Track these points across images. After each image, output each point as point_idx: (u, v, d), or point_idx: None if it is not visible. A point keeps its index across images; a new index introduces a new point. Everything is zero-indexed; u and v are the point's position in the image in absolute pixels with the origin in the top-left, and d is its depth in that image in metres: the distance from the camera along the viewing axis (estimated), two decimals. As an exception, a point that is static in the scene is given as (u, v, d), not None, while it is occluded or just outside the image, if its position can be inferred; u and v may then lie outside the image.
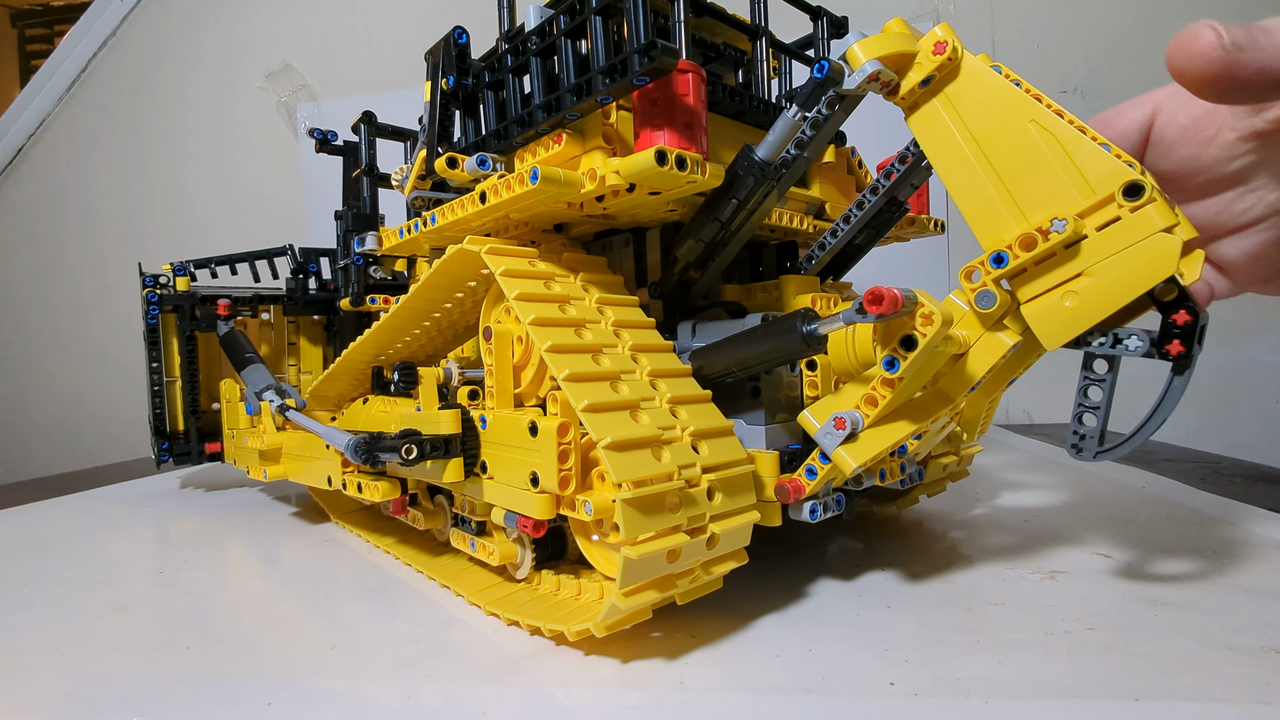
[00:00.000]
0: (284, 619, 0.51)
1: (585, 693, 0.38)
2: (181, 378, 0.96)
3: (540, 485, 0.43)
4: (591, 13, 0.42)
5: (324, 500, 0.82)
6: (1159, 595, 0.48)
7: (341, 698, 0.39)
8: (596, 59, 0.43)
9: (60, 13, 2.07)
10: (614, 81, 0.42)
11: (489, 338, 0.49)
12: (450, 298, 0.58)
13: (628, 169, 0.42)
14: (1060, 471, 0.86)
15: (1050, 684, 0.37)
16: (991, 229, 0.40)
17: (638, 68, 0.40)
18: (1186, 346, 0.37)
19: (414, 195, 0.54)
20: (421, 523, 0.61)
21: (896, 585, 0.52)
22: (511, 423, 0.46)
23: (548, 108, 0.46)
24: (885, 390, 0.41)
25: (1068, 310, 0.37)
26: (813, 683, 0.38)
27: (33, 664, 0.45)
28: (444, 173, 0.50)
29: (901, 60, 0.41)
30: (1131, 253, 0.35)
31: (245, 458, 0.83)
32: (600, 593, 0.47)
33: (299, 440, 0.71)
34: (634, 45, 0.40)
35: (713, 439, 0.44)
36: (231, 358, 0.87)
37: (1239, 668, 0.38)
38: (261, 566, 0.65)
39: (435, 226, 0.54)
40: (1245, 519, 0.64)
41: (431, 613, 0.51)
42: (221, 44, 1.72)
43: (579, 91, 0.44)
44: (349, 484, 0.61)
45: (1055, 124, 0.38)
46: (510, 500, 0.46)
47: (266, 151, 1.70)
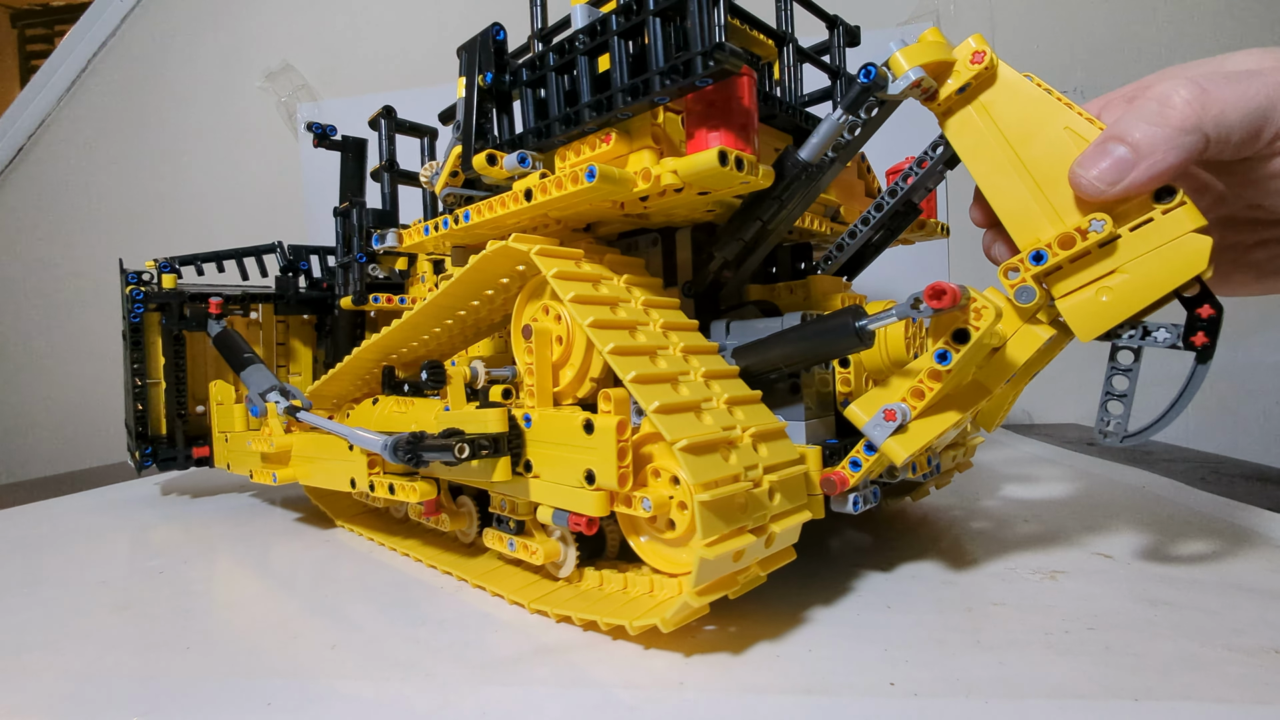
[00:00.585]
0: (284, 619, 0.51)
1: (570, 691, 0.38)
2: (166, 379, 0.92)
3: (596, 482, 0.44)
4: (650, 14, 0.42)
5: (326, 504, 0.80)
6: (1159, 595, 0.48)
7: (341, 698, 0.39)
8: (655, 60, 0.43)
9: (60, 13, 2.06)
10: (674, 83, 0.42)
11: (529, 336, 0.48)
12: (480, 295, 0.56)
13: (687, 169, 0.43)
14: (1060, 471, 0.86)
15: (1050, 684, 0.37)
16: (1027, 228, 0.42)
17: (701, 70, 0.40)
18: (1210, 338, 0.40)
19: (446, 192, 0.54)
20: (448, 524, 0.61)
21: (896, 585, 0.52)
22: (561, 421, 0.46)
23: (598, 106, 0.46)
24: (932, 383, 0.43)
25: (1104, 305, 0.39)
26: (813, 683, 0.38)
27: (33, 664, 0.45)
28: (482, 170, 0.50)
29: (940, 68, 0.43)
30: (1165, 251, 0.37)
31: (244, 461, 0.81)
32: (650, 586, 0.47)
33: (310, 442, 0.70)
34: (699, 47, 0.40)
35: (770, 440, 0.45)
36: (228, 358, 0.84)
37: (1239, 668, 0.38)
38: (262, 567, 0.65)
39: (469, 224, 0.53)
40: (1245, 519, 0.64)
41: (435, 611, 0.51)
42: (221, 44, 1.72)
43: (634, 91, 0.44)
44: (378, 485, 0.59)
45: (1089, 130, 0.40)
46: (560, 498, 0.46)
47: (266, 151, 1.70)
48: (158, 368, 0.92)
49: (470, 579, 0.55)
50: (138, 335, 0.90)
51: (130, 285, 0.89)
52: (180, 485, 1.06)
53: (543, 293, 0.51)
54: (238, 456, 0.83)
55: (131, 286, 0.89)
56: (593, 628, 0.46)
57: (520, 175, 0.50)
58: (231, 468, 0.85)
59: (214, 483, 1.06)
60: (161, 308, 0.91)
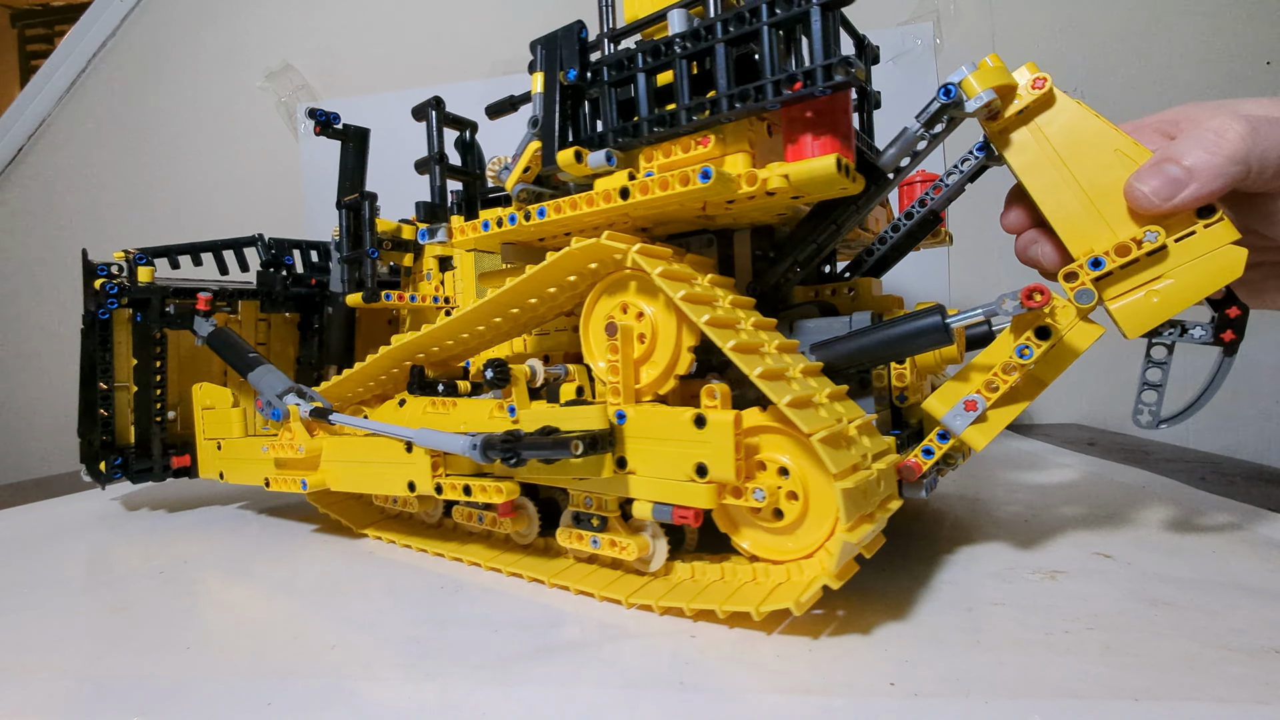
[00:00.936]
0: (284, 619, 0.51)
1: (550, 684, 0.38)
2: (140, 382, 0.83)
3: (709, 475, 0.45)
4: (765, 24, 0.44)
5: (339, 511, 0.74)
6: (1159, 595, 0.48)
7: (342, 698, 0.39)
8: (768, 68, 0.44)
9: (60, 13, 2.06)
10: (793, 92, 0.43)
11: (613, 333, 0.49)
12: (542, 293, 0.56)
13: (801, 174, 0.45)
14: (1060, 471, 0.86)
15: (1050, 684, 0.37)
16: (1081, 238, 0.46)
17: (822, 81, 0.42)
18: (1238, 334, 0.48)
19: (519, 188, 0.53)
20: (509, 526, 0.60)
21: (897, 585, 0.52)
22: (664, 417, 0.47)
23: (700, 109, 0.47)
24: (1007, 376, 0.47)
25: (1153, 305, 0.44)
26: (812, 682, 0.38)
27: (33, 664, 0.45)
28: (569, 167, 0.50)
29: (1003, 91, 0.47)
30: (1207, 259, 0.42)
31: (252, 469, 0.75)
32: (753, 574, 0.48)
33: (345, 446, 0.66)
34: (822, 59, 0.43)
35: (868, 431, 0.48)
36: (231, 359, 0.79)
37: (1239, 668, 0.38)
38: (262, 568, 0.65)
39: (543, 220, 0.53)
40: (1245, 519, 0.64)
41: (437, 609, 0.51)
42: (221, 44, 1.72)
43: (744, 97, 0.45)
44: (446, 487, 0.57)
45: (1136, 153, 0.45)
46: (663, 493, 0.47)
47: (266, 152, 1.70)
48: (125, 370, 0.84)
49: (546, 579, 0.54)
50: (106, 334, 0.82)
51: (100, 278, 0.81)
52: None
53: (618, 291, 0.52)
54: (240, 464, 0.78)
55: (102, 280, 0.81)
56: (705, 617, 0.47)
57: (604, 173, 0.51)
58: (227, 477, 0.79)
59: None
60: (138, 304, 0.82)
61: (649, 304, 0.50)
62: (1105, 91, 1.29)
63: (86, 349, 0.82)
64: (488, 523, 0.62)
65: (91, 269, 0.81)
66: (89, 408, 0.83)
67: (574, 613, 0.50)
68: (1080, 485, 0.78)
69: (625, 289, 0.51)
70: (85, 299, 0.81)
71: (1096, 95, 1.29)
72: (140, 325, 0.83)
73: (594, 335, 0.53)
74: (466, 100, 1.48)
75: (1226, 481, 0.79)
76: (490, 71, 1.49)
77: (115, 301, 0.81)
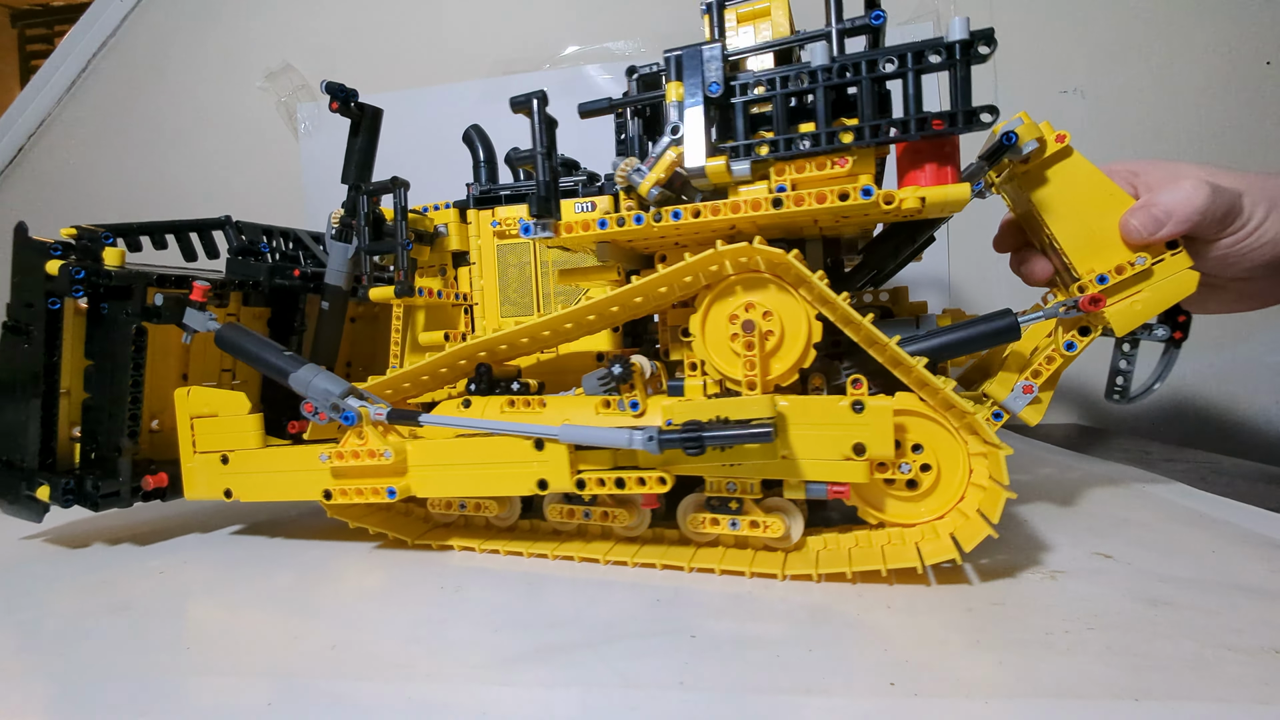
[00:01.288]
0: (285, 619, 0.51)
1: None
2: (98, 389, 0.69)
3: (867, 454, 0.51)
4: (911, 70, 0.52)
5: (383, 524, 0.68)
6: (1159, 595, 0.48)
7: (342, 698, 0.39)
8: (908, 105, 0.52)
9: (60, 13, 2.07)
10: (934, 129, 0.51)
11: (750, 330, 0.54)
12: (655, 292, 0.58)
13: (939, 197, 0.52)
14: (1060, 471, 0.86)
15: (1050, 684, 0.37)
16: (1085, 260, 0.58)
17: (963, 123, 0.51)
18: (1185, 333, 0.62)
19: (656, 192, 0.56)
20: (626, 518, 0.60)
21: (896, 585, 0.52)
22: (819, 405, 0.53)
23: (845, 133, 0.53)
24: (1049, 365, 0.59)
25: (1137, 311, 0.57)
26: (813, 683, 0.38)
27: (33, 664, 0.45)
28: (716, 176, 0.54)
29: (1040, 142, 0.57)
30: (1173, 279, 0.57)
31: (292, 482, 0.65)
32: (888, 538, 0.56)
33: (441, 449, 0.61)
34: (967, 105, 0.51)
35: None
36: (256, 358, 0.66)
37: (1239, 668, 0.38)
38: (263, 568, 0.65)
39: (677, 222, 0.55)
40: (1245, 519, 0.64)
41: (437, 610, 0.51)
42: (221, 44, 1.72)
43: (889, 128, 0.52)
44: (590, 481, 0.57)
45: (1124, 198, 0.58)
46: (817, 472, 0.53)
47: (266, 152, 1.70)
48: (72, 373, 0.70)
49: (685, 565, 0.56)
50: (56, 330, 0.66)
51: (54, 259, 0.66)
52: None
53: (734, 292, 0.56)
54: (266, 479, 0.67)
55: (59, 262, 0.66)
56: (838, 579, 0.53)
57: (744, 182, 0.55)
58: (239, 495, 0.68)
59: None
60: (116, 293, 0.68)
61: (777, 304, 0.55)
62: (1105, 91, 1.29)
63: (11, 349, 0.68)
64: (595, 518, 0.61)
65: (41, 249, 0.66)
66: (20, 422, 0.68)
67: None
68: (1080, 485, 0.78)
69: (751, 290, 0.56)
70: (18, 286, 0.66)
71: (1097, 95, 1.29)
72: (109, 320, 0.68)
73: (711, 333, 0.57)
74: (467, 100, 1.48)
75: (1226, 481, 0.79)
76: (490, 71, 1.49)
77: (81, 289, 0.65)
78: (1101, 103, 1.29)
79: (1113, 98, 1.29)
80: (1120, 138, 1.29)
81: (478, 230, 0.74)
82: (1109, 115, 1.29)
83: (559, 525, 0.65)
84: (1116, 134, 1.29)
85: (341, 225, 0.77)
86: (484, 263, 0.77)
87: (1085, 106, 1.29)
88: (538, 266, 0.73)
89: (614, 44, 1.44)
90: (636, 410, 0.56)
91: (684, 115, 0.54)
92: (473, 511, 0.67)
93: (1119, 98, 1.29)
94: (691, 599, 0.51)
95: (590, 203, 0.66)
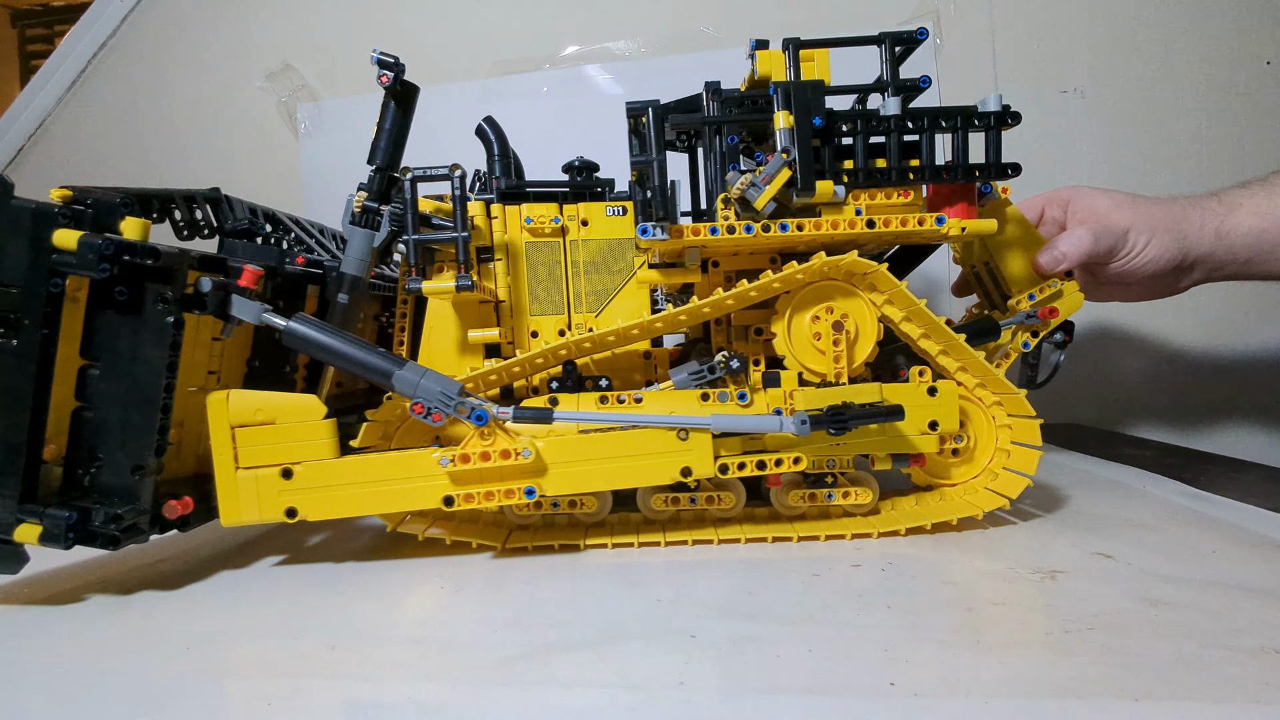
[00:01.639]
0: (285, 618, 0.51)
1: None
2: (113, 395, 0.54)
3: (939, 429, 0.61)
4: (959, 128, 0.63)
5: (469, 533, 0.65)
6: (1159, 595, 0.48)
7: (342, 697, 0.39)
8: (957, 154, 0.63)
9: (60, 13, 2.07)
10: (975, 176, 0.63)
11: (840, 329, 0.63)
12: (749, 295, 0.63)
13: (974, 227, 0.63)
14: (1059, 471, 0.86)
15: (1050, 684, 0.37)
16: (1021, 283, 0.74)
17: (997, 175, 0.63)
18: (1070, 337, 0.76)
19: (770, 207, 0.61)
20: (730, 501, 0.66)
21: (896, 585, 0.52)
22: (905, 390, 0.62)
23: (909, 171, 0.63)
24: (1004, 361, 0.74)
25: (1053, 320, 0.73)
26: (813, 683, 0.38)
27: (33, 664, 0.45)
28: (824, 196, 0.62)
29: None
30: (1068, 298, 0.73)
31: (396, 492, 0.60)
32: (941, 495, 0.70)
33: (575, 445, 0.60)
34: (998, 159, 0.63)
35: None
36: (348, 358, 0.59)
37: (1239, 668, 0.38)
38: (264, 569, 0.65)
39: (784, 234, 0.62)
40: (1245, 519, 0.64)
41: (440, 605, 0.51)
42: (221, 44, 1.72)
43: (944, 171, 0.63)
44: (732, 466, 0.61)
45: (1039, 238, 0.75)
46: (903, 446, 0.62)
47: (267, 152, 1.70)
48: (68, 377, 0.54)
49: (795, 535, 0.64)
50: (54, 318, 0.52)
51: (62, 228, 0.51)
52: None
53: (813, 301, 0.64)
54: (348, 493, 0.59)
55: (75, 233, 0.51)
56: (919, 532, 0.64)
57: (838, 203, 0.63)
58: (308, 513, 0.59)
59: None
60: (158, 275, 0.54)
61: (851, 306, 0.64)
62: (1105, 91, 1.29)
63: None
64: (701, 503, 0.66)
65: (43, 214, 0.51)
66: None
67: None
68: (1080, 485, 0.78)
69: (827, 296, 0.65)
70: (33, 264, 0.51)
71: (1097, 95, 1.29)
72: (132, 308, 0.54)
73: (796, 332, 0.65)
74: (466, 100, 1.48)
75: (1226, 481, 0.79)
76: (490, 71, 1.49)
77: (109, 267, 0.51)
78: (1101, 103, 1.29)
79: (1113, 98, 1.29)
80: (1120, 138, 1.29)
81: (504, 225, 0.73)
82: (1109, 115, 1.29)
83: (653, 515, 0.68)
84: (1117, 134, 1.29)
85: (364, 210, 0.70)
86: (512, 260, 0.74)
87: (1085, 106, 1.29)
88: (568, 266, 0.72)
89: (614, 44, 1.44)
90: (745, 401, 0.62)
91: (795, 140, 0.61)
92: (565, 509, 0.67)
93: (1119, 98, 1.29)
94: (692, 599, 0.51)
95: (621, 207, 0.71)
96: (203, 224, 0.73)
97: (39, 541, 0.53)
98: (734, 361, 0.63)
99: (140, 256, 0.52)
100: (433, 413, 0.58)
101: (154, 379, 0.54)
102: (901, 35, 0.68)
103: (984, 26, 1.34)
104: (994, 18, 1.34)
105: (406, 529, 0.64)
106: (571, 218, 0.71)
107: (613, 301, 0.71)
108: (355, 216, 0.70)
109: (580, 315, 0.71)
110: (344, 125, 0.86)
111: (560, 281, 0.72)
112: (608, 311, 0.71)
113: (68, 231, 0.51)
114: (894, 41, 0.68)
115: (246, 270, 0.60)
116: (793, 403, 0.62)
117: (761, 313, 0.67)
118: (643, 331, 0.65)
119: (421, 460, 0.59)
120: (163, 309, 0.54)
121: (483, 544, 0.64)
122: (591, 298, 0.73)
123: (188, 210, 0.72)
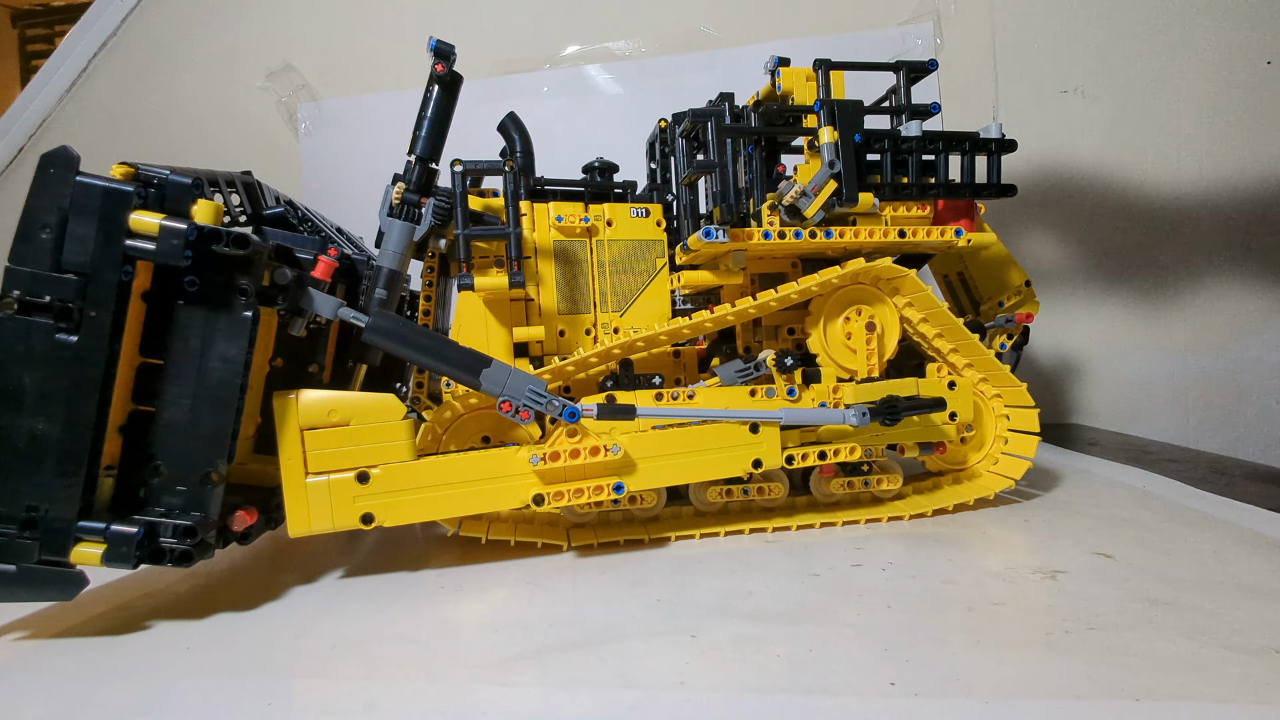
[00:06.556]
0: (285, 619, 0.51)
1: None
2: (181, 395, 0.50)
3: (958, 419, 0.67)
4: (969, 151, 0.71)
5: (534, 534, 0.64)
6: (1159, 595, 0.48)
7: (342, 697, 0.39)
8: (966, 174, 0.71)
9: (60, 13, 2.07)
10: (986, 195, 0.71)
11: (872, 329, 0.68)
12: (789, 300, 0.67)
13: (977, 239, 0.70)
14: (1059, 472, 0.86)
15: (1050, 684, 0.37)
16: (992, 291, 0.84)
17: (998, 193, 0.71)
18: (1026, 340, 0.82)
19: (819, 216, 0.65)
20: (778, 489, 0.69)
21: (896, 585, 0.52)
22: (928, 384, 0.67)
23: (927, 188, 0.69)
24: None
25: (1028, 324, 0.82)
26: (813, 683, 0.38)
27: (34, 664, 0.45)
28: (865, 206, 0.66)
29: None
30: (1028, 305, 0.82)
31: (495, 493, 0.58)
32: (951, 480, 0.75)
33: (654, 441, 0.61)
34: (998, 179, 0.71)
35: None
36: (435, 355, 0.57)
37: (1239, 668, 0.38)
38: (265, 568, 0.65)
39: (829, 240, 0.66)
40: (1245, 519, 0.64)
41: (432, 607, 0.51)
42: (222, 44, 1.72)
43: (957, 189, 0.70)
44: (796, 457, 0.64)
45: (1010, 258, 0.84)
46: (929, 435, 0.68)
47: (267, 152, 1.70)
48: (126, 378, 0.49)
49: (839, 520, 0.67)
50: (122, 312, 0.47)
51: (137, 206, 0.47)
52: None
53: (844, 303, 0.68)
54: (430, 497, 0.57)
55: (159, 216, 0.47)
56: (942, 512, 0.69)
57: (873, 214, 0.68)
58: (386, 519, 0.56)
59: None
60: (239, 265, 0.49)
61: (878, 309, 0.69)
62: (1105, 91, 1.29)
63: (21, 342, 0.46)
64: (752, 494, 0.68)
65: (117, 196, 0.47)
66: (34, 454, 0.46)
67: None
68: (1080, 485, 0.78)
69: (866, 297, 0.69)
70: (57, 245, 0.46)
71: (1097, 95, 1.29)
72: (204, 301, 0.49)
73: (831, 332, 0.68)
74: (466, 100, 1.48)
75: (1226, 481, 0.79)
76: (490, 71, 1.49)
77: (191, 254, 0.47)
78: (1101, 103, 1.29)
79: (1113, 98, 1.29)
80: (1120, 138, 1.29)
81: (532, 223, 0.72)
82: (1109, 115, 1.29)
83: (705, 507, 0.69)
84: (1117, 134, 1.29)
85: (404, 202, 0.66)
86: (541, 258, 0.73)
87: (1085, 106, 1.29)
88: (595, 265, 0.72)
89: (614, 44, 1.44)
90: (794, 397, 0.65)
91: (839, 154, 0.65)
92: (624, 505, 0.68)
93: (1119, 98, 1.29)
94: (691, 598, 0.51)
95: (644, 209, 0.72)
96: (240, 209, 0.68)
97: (102, 562, 0.48)
98: (787, 359, 0.65)
99: (229, 245, 0.47)
100: (520, 410, 0.56)
101: (229, 378, 0.50)
102: (915, 64, 0.75)
103: (984, 26, 1.34)
104: (994, 18, 1.34)
105: (469, 532, 0.63)
106: (598, 218, 0.72)
107: (637, 302, 0.73)
108: (394, 208, 0.66)
109: (606, 315, 0.72)
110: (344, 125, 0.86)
111: (587, 281, 0.72)
112: (631, 311, 0.73)
113: (146, 214, 0.46)
114: (909, 70, 0.75)
115: (321, 261, 0.56)
116: (838, 396, 0.66)
117: (791, 314, 0.72)
118: (693, 330, 0.67)
119: (508, 459, 0.58)
120: (243, 302, 0.49)
121: (548, 543, 0.63)
122: (616, 298, 0.73)
123: (224, 194, 0.67)
